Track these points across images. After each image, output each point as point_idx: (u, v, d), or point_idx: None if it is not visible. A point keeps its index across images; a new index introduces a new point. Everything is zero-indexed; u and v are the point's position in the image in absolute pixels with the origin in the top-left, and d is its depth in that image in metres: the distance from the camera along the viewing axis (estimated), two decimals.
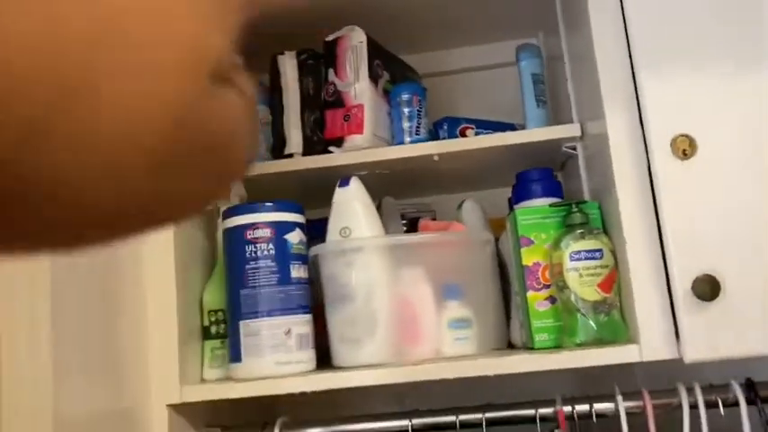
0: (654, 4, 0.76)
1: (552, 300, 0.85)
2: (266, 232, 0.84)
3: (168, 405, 0.80)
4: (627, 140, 0.76)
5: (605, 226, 0.85)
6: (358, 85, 0.97)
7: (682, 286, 0.71)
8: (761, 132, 0.71)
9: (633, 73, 0.76)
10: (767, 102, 0.71)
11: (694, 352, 0.71)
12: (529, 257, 0.87)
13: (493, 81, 1.18)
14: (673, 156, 0.72)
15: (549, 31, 1.07)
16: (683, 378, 0.80)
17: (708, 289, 0.68)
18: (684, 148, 0.72)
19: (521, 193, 0.97)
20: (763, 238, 0.70)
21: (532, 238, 0.87)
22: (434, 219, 1.09)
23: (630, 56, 0.77)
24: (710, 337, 0.71)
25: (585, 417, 0.81)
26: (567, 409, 0.81)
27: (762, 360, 0.74)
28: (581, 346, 0.80)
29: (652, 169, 0.74)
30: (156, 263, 0.81)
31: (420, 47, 1.17)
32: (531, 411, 0.82)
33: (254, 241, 0.84)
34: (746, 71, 0.72)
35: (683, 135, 0.72)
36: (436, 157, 0.94)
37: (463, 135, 1.02)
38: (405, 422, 0.82)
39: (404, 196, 1.12)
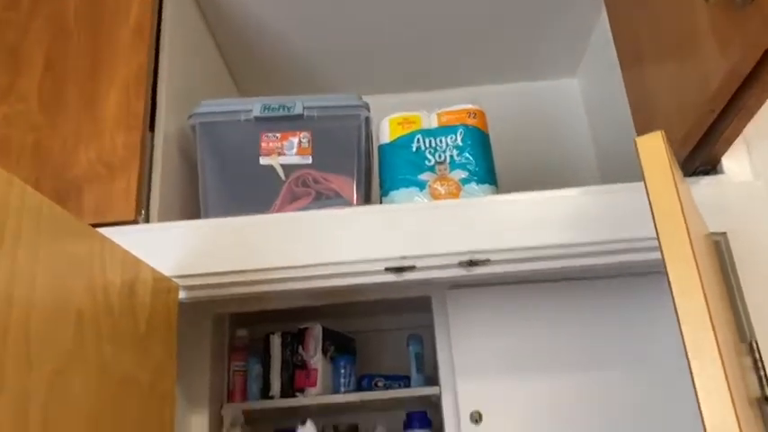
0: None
1: None
2: None
3: None
4: (451, 410, 1.47)
5: None
6: (315, 357, 1.67)
7: None
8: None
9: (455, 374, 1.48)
10: None
11: None
12: None
13: (402, 342, 1.89)
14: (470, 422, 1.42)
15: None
16: None
17: None
18: (476, 417, 1.42)
19: (409, 424, 1.65)
20: None
21: None
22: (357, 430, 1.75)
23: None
24: None
25: None
26: None
27: None
28: None
29: (461, 426, 1.43)
30: None
31: (357, 318, 1.90)
32: None
33: None
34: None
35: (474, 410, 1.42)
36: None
37: (376, 386, 1.72)
38: None
39: (342, 415, 1.79)
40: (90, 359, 0.87)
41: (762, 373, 1.08)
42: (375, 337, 1.87)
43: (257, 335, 1.77)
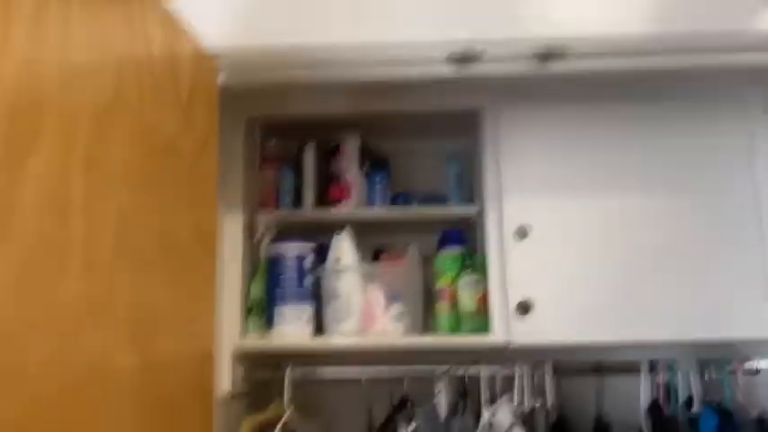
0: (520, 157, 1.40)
1: (451, 306, 1.49)
2: (292, 258, 1.46)
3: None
4: (495, 225, 1.41)
5: (484, 267, 1.49)
6: (351, 171, 1.60)
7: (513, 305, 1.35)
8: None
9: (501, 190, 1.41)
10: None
11: (519, 339, 1.36)
12: (442, 283, 1.51)
13: (437, 165, 1.81)
14: (514, 236, 1.37)
15: (470, 141, 1.71)
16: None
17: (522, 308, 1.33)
18: (523, 232, 1.37)
19: (444, 241, 1.61)
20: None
21: (445, 271, 1.51)
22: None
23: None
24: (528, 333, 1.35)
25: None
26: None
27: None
28: (464, 332, 1.45)
29: (504, 241, 1.39)
30: (231, 270, 1.43)
31: (393, 138, 1.80)
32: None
33: (284, 262, 1.46)
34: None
35: (520, 225, 1.37)
36: None
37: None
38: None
39: (374, 235, 1.74)
40: (132, 112, 0.78)
41: None
42: (409, 161, 1.78)
43: (289, 148, 1.68)
